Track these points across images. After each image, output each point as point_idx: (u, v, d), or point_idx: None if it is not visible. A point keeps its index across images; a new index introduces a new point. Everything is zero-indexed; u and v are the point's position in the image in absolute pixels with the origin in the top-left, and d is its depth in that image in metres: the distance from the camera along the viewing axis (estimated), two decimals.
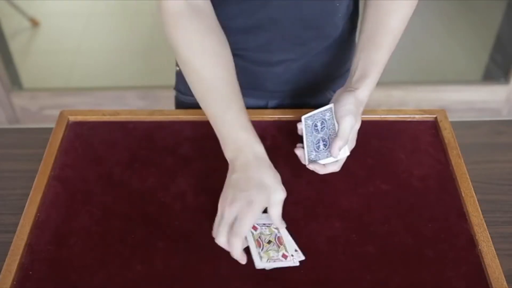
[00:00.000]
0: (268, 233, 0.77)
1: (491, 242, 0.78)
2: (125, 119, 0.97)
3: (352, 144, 0.83)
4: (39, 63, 2.46)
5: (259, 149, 0.77)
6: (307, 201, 0.84)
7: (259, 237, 0.77)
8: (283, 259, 0.76)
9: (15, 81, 2.20)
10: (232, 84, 0.79)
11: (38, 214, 0.82)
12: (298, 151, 0.84)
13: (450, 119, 0.96)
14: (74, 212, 0.83)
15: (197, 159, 0.90)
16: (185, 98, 1.06)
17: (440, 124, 0.95)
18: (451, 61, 2.46)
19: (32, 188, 0.85)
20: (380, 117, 0.97)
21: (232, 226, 0.72)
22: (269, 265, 0.75)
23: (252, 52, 0.93)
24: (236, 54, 0.86)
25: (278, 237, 0.78)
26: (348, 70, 1.06)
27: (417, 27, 2.68)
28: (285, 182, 0.86)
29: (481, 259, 0.77)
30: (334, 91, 0.92)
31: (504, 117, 2.26)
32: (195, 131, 0.94)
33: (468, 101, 2.23)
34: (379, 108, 1.00)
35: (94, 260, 0.77)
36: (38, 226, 0.81)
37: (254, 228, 0.77)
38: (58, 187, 0.86)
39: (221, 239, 0.73)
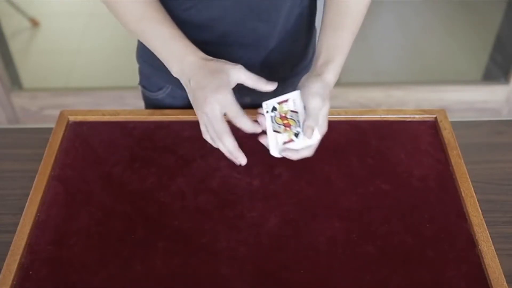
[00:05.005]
0: (285, 109, 0.84)
1: (491, 242, 0.78)
2: (125, 119, 0.97)
3: (323, 129, 0.83)
4: (39, 63, 2.46)
5: (200, 53, 0.83)
6: (307, 201, 0.84)
7: (275, 119, 0.84)
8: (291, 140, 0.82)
9: (15, 81, 2.20)
10: (157, 8, 0.85)
11: (38, 214, 0.82)
12: (262, 140, 0.85)
13: (450, 119, 0.96)
14: (74, 212, 0.83)
15: (197, 159, 0.90)
16: (150, 94, 1.08)
17: (440, 124, 0.95)
18: (451, 61, 2.46)
19: (32, 188, 0.85)
20: (380, 117, 0.97)
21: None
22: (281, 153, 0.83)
23: (210, 46, 0.93)
24: None
25: (285, 116, 0.84)
26: (307, 66, 1.07)
27: (417, 27, 2.69)
28: (285, 182, 0.87)
29: (481, 259, 0.77)
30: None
31: (504, 117, 2.26)
32: (195, 131, 0.94)
33: (468, 101, 2.23)
34: (379, 108, 1.00)
35: (94, 260, 0.77)
36: (38, 226, 0.81)
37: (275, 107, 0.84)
38: (58, 187, 0.86)
39: (227, 142, 0.81)
